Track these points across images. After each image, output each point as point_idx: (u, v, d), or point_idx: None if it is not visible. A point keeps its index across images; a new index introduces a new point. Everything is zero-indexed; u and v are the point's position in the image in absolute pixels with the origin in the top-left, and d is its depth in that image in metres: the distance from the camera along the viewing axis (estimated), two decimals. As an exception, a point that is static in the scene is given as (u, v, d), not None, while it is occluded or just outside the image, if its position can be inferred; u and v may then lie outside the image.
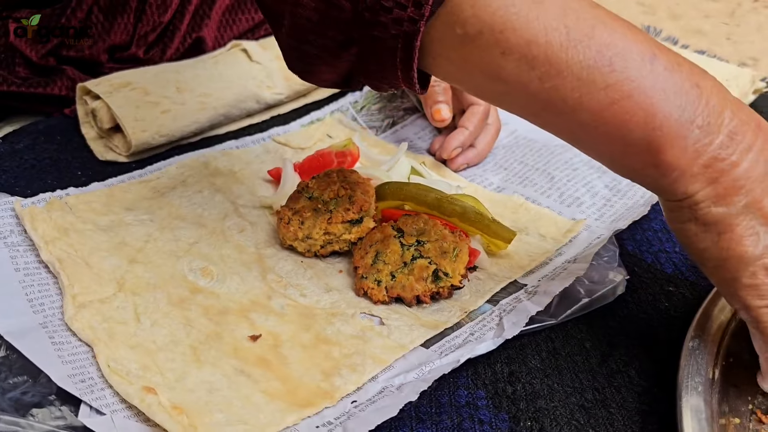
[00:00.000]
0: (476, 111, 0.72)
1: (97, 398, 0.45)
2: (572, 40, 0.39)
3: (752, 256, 0.41)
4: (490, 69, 0.41)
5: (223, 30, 0.88)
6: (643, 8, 1.22)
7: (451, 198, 0.60)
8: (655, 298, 0.58)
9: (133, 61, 0.84)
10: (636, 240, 0.65)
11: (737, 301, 0.43)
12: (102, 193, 0.65)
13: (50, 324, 0.50)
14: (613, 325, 0.55)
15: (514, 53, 0.39)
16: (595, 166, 0.71)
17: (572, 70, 0.39)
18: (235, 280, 0.56)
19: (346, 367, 0.49)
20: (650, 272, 0.61)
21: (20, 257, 0.56)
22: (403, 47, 0.41)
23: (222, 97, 0.78)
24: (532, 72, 0.40)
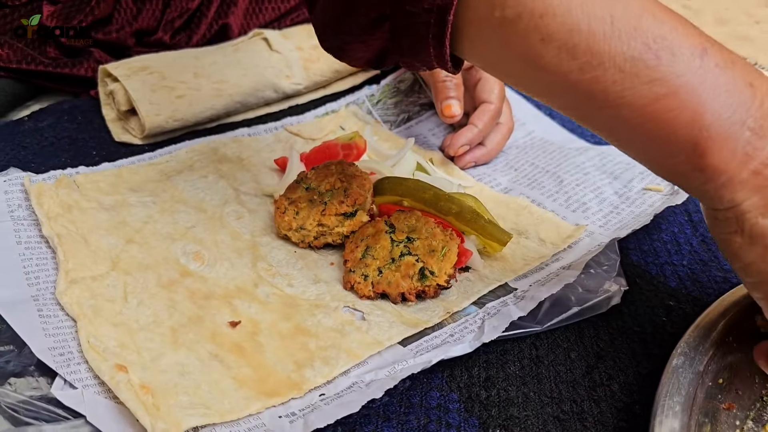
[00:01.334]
0: (487, 109, 0.71)
1: (72, 372, 0.46)
2: (616, 30, 0.37)
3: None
4: (529, 56, 0.38)
5: (250, 18, 0.89)
6: (688, 12, 1.17)
7: (448, 196, 0.59)
8: (653, 312, 0.56)
9: (160, 46, 0.86)
10: (643, 250, 0.62)
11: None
12: (110, 173, 0.66)
13: (41, 297, 0.52)
14: (603, 336, 0.53)
15: (554, 40, 0.37)
16: (607, 171, 0.69)
17: (615, 61, 0.37)
18: (224, 266, 0.57)
19: (319, 360, 0.49)
20: (653, 284, 0.59)
21: (23, 231, 0.58)
22: (436, 22, 0.40)
23: (239, 85, 0.78)
24: (573, 62, 0.37)
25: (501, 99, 0.72)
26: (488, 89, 0.71)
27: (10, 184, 0.62)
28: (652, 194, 0.65)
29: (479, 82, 0.72)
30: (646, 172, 0.68)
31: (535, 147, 0.76)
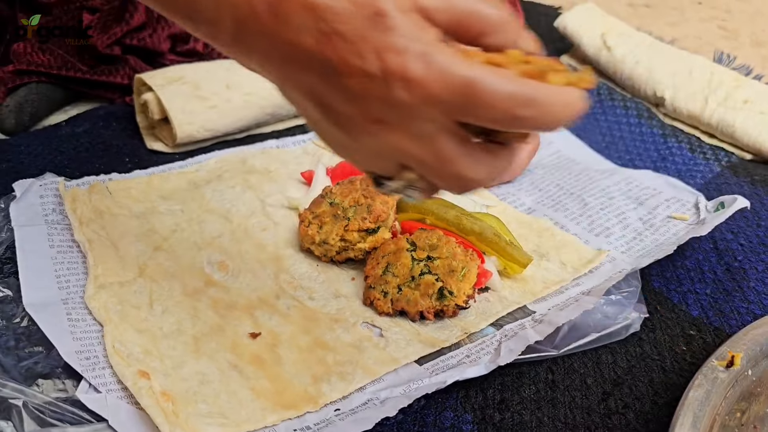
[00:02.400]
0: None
1: (97, 376, 0.48)
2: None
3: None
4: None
5: None
6: (724, 33, 1.16)
7: (470, 216, 0.60)
8: (672, 341, 0.56)
9: (193, 55, 0.88)
10: (665, 277, 0.62)
11: None
12: (141, 180, 0.68)
13: (71, 301, 0.54)
14: (621, 363, 0.53)
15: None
16: (632, 196, 0.69)
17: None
18: (248, 277, 0.58)
19: (336, 375, 0.50)
20: (674, 312, 0.58)
21: (56, 235, 0.60)
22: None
23: (269, 96, 0.80)
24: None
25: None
26: None
27: (46, 188, 0.64)
28: (677, 223, 0.65)
29: None
30: (672, 199, 0.68)
31: (561, 167, 0.76)
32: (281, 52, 0.35)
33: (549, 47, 0.99)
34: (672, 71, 0.86)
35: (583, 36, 0.93)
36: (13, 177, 0.65)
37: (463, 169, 0.35)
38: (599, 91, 0.89)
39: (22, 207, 0.61)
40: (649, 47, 0.89)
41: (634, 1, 1.30)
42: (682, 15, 1.23)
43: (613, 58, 0.90)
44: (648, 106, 0.87)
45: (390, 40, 0.32)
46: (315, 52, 0.33)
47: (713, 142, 0.82)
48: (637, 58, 0.88)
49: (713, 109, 0.81)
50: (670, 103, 0.85)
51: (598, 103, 0.88)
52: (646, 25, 1.13)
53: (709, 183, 0.75)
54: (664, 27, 1.17)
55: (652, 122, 0.84)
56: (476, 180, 0.36)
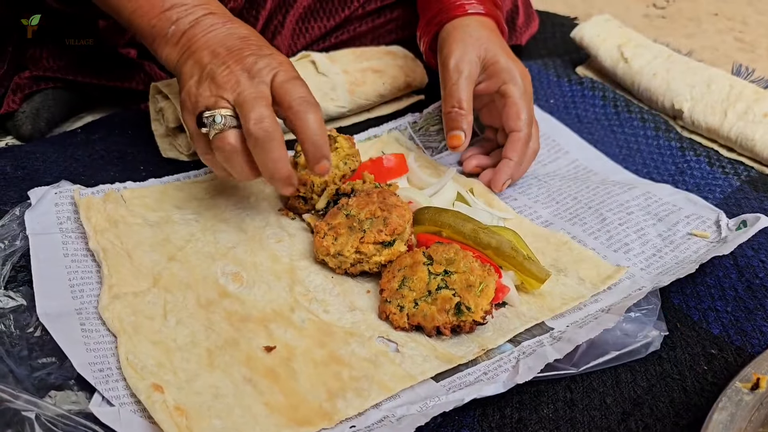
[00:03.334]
0: (517, 138, 0.70)
1: (110, 389, 0.47)
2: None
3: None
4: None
5: (296, 38, 0.90)
6: (741, 45, 1.15)
7: (487, 230, 0.59)
8: (693, 360, 0.55)
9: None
10: (685, 294, 0.61)
11: None
12: (156, 189, 0.68)
13: (84, 311, 0.53)
14: (641, 382, 0.52)
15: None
16: (651, 212, 0.68)
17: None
18: (262, 289, 0.58)
19: (351, 390, 0.49)
20: (694, 330, 0.57)
21: (71, 244, 0.59)
22: None
23: (285, 106, 0.79)
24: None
25: (529, 124, 0.70)
26: (514, 115, 0.70)
27: (61, 196, 0.63)
28: (697, 240, 0.64)
29: (505, 108, 0.71)
30: (693, 216, 0.67)
31: (578, 178, 0.75)
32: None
33: (564, 58, 0.98)
34: (690, 83, 0.84)
35: (599, 47, 0.92)
36: (29, 184, 0.65)
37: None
38: (616, 103, 0.88)
39: (36, 215, 0.61)
40: (667, 59, 0.88)
41: (650, 12, 1.29)
42: (699, 26, 1.22)
43: (630, 69, 0.89)
44: (666, 118, 0.86)
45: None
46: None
47: (732, 156, 0.80)
48: (655, 69, 0.87)
49: (732, 122, 0.80)
50: (688, 116, 0.83)
51: (615, 115, 0.87)
52: (662, 36, 1.12)
53: (728, 197, 0.74)
54: (680, 38, 1.16)
55: (669, 135, 0.83)
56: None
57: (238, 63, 0.58)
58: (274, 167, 0.56)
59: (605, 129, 0.85)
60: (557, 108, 0.88)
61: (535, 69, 0.94)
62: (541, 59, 0.98)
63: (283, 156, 0.56)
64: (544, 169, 0.79)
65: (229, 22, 0.62)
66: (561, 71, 0.94)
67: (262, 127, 0.55)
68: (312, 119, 0.56)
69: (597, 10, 1.26)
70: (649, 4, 1.32)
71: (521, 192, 0.74)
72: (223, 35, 0.60)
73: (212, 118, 0.56)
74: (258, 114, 0.56)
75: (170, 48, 0.61)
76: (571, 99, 0.90)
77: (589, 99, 0.89)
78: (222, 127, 0.56)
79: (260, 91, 0.57)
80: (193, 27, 0.60)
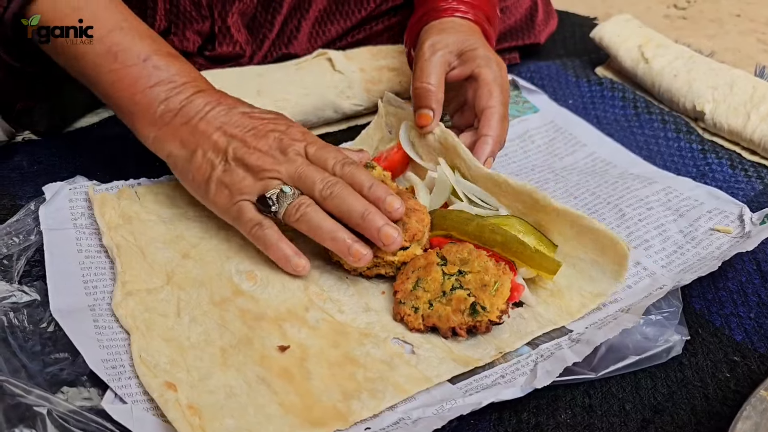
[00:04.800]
0: (493, 113, 0.66)
1: (123, 386, 0.47)
2: (94, 38, 0.58)
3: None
4: (47, 46, 0.60)
5: (313, 41, 0.90)
6: (764, 46, 1.14)
7: (492, 227, 0.58)
8: (715, 367, 0.54)
9: (222, 60, 0.87)
10: (707, 299, 0.60)
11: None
12: (170, 186, 0.67)
13: (98, 307, 0.53)
14: (661, 389, 0.51)
15: (56, 40, 0.59)
16: (672, 207, 0.67)
17: (89, 57, 0.58)
18: (276, 287, 0.57)
19: (366, 392, 0.48)
20: (716, 336, 0.56)
21: (85, 240, 0.59)
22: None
23: (300, 104, 0.79)
24: (66, 55, 0.59)
25: (504, 103, 0.67)
26: (486, 95, 0.66)
27: (75, 192, 0.63)
28: (720, 236, 0.63)
29: (477, 91, 0.67)
30: (715, 210, 0.66)
31: (596, 172, 0.74)
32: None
33: (583, 58, 0.97)
34: (712, 85, 0.83)
35: (620, 48, 0.91)
36: (45, 179, 0.65)
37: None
38: (636, 104, 0.87)
39: (51, 211, 0.61)
40: (689, 60, 0.87)
41: (671, 13, 1.27)
42: (721, 27, 1.21)
43: (650, 70, 0.88)
44: (687, 120, 0.85)
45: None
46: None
47: (755, 159, 0.79)
48: (676, 71, 0.86)
49: (756, 124, 0.79)
50: (710, 118, 0.82)
51: (635, 116, 0.86)
52: (684, 37, 1.11)
53: (751, 201, 0.72)
54: (701, 39, 1.14)
55: (691, 137, 0.82)
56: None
57: (263, 142, 0.57)
58: (363, 204, 0.55)
59: (625, 130, 0.84)
60: (576, 108, 0.87)
61: (554, 69, 0.93)
62: (559, 59, 0.97)
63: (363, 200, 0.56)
64: (561, 162, 0.78)
65: (221, 98, 0.61)
66: (580, 71, 0.93)
67: (332, 182, 0.56)
68: (363, 176, 0.57)
69: (617, 10, 1.25)
70: (670, 5, 1.30)
71: (537, 186, 0.73)
72: (223, 114, 0.59)
73: (276, 195, 0.56)
74: (321, 176, 0.56)
75: (161, 130, 0.59)
76: (591, 100, 0.89)
77: (608, 100, 0.88)
78: (294, 196, 0.56)
79: (304, 162, 0.57)
80: (185, 107, 0.59)
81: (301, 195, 0.56)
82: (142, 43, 0.59)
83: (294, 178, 0.56)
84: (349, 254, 0.55)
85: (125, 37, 0.59)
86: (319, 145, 0.59)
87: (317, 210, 0.56)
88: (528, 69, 0.94)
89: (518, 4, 0.95)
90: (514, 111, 0.85)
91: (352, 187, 0.57)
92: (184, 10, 0.82)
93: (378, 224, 0.54)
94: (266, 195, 0.56)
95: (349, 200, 0.55)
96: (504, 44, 0.95)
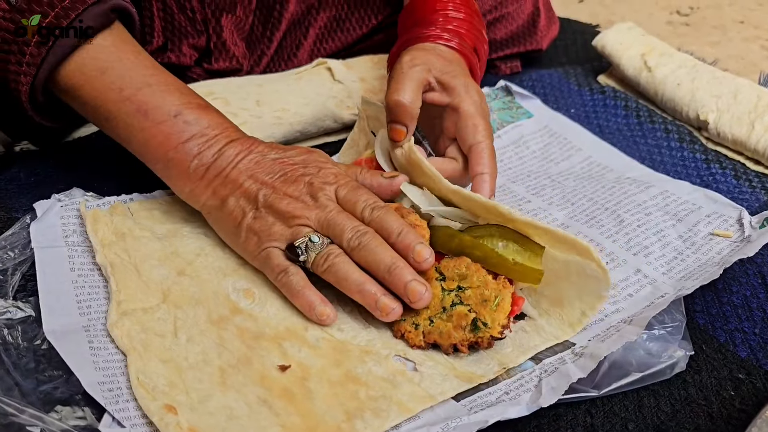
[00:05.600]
0: (483, 149, 0.66)
1: (121, 409, 0.48)
2: (123, 98, 0.61)
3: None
4: (79, 107, 0.64)
5: (314, 56, 0.92)
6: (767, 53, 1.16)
7: (472, 242, 0.58)
8: (720, 384, 0.55)
9: (220, 73, 0.89)
10: (711, 313, 0.62)
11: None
12: (163, 201, 0.69)
13: (92, 328, 0.54)
14: (665, 407, 0.53)
15: (87, 103, 0.62)
16: (670, 212, 0.69)
17: (120, 117, 0.61)
18: (275, 306, 0.59)
19: (370, 411, 0.50)
20: (720, 353, 0.58)
21: (77, 257, 0.61)
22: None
23: (300, 114, 0.81)
24: (97, 116, 0.63)
25: (491, 136, 0.67)
26: (472, 129, 0.67)
27: (67, 209, 0.64)
28: (720, 241, 0.65)
29: (459, 124, 0.67)
30: (714, 214, 0.68)
31: (593, 177, 0.76)
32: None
33: (585, 66, 1.00)
34: (716, 94, 0.85)
35: (622, 56, 0.93)
36: (42, 190, 0.67)
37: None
38: (639, 113, 0.89)
39: (42, 227, 0.62)
40: (692, 69, 0.89)
41: (674, 20, 1.30)
42: (724, 34, 1.23)
43: (653, 79, 0.90)
44: (690, 129, 0.87)
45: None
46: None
47: (759, 169, 0.81)
48: (679, 79, 0.88)
49: (760, 134, 0.81)
50: (713, 127, 0.84)
51: (637, 125, 0.88)
52: (686, 44, 1.13)
53: (755, 213, 0.74)
54: (704, 47, 1.17)
55: (694, 147, 0.84)
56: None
57: (293, 187, 0.59)
58: (390, 257, 0.56)
59: (627, 139, 0.86)
60: (578, 117, 0.89)
61: (556, 77, 0.95)
62: (561, 67, 0.99)
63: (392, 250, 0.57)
64: (557, 167, 0.80)
65: (252, 146, 0.62)
66: (582, 80, 0.95)
67: (360, 232, 0.57)
68: (393, 222, 0.58)
69: (619, 17, 1.28)
70: (673, 12, 1.33)
71: (534, 194, 0.75)
72: (254, 162, 0.61)
73: (305, 244, 0.57)
74: (351, 224, 0.57)
75: (195, 184, 0.61)
76: (593, 108, 0.91)
77: (611, 109, 0.90)
78: (322, 245, 0.57)
79: (335, 208, 0.58)
80: (217, 159, 0.61)
81: (330, 244, 0.58)
82: (171, 98, 0.62)
83: (323, 226, 0.58)
84: (377, 308, 0.55)
85: (154, 94, 0.61)
86: (350, 187, 0.60)
87: (345, 261, 0.57)
88: (530, 77, 0.96)
89: (520, 10, 0.97)
90: (508, 117, 0.87)
91: (381, 234, 0.58)
92: (179, 26, 0.84)
93: (405, 279, 0.55)
94: (295, 244, 0.57)
95: (377, 251, 0.56)
96: (506, 51, 0.98)
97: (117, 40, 0.63)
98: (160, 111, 0.61)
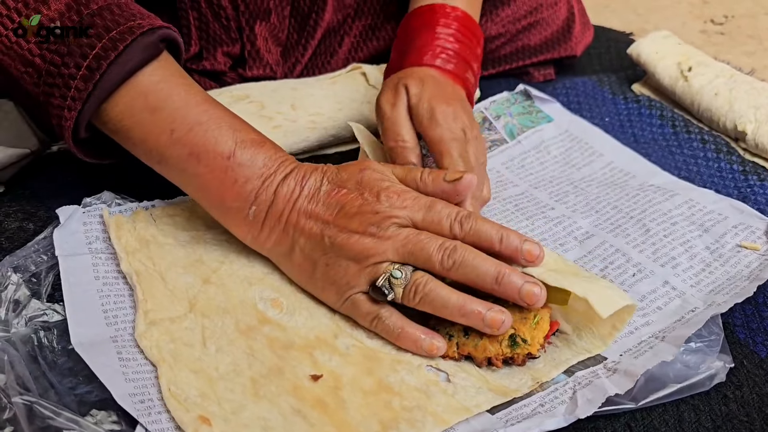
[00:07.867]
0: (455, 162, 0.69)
1: (154, 421, 0.51)
2: (174, 140, 0.62)
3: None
4: (129, 147, 0.65)
5: (348, 63, 0.97)
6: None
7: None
8: (762, 401, 0.58)
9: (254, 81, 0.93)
10: (751, 328, 0.65)
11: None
12: (185, 207, 0.72)
13: (120, 338, 0.58)
14: (706, 423, 0.56)
15: (138, 146, 0.63)
16: (696, 222, 0.72)
17: (173, 161, 0.63)
18: (303, 315, 0.62)
19: (405, 421, 0.53)
20: (762, 368, 0.61)
21: (101, 265, 0.64)
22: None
23: (334, 118, 0.86)
24: (150, 159, 0.64)
25: (484, 163, 0.72)
26: (441, 156, 0.69)
27: (89, 215, 0.68)
28: (748, 253, 0.68)
29: (431, 150, 0.71)
30: (740, 225, 0.72)
31: (616, 184, 0.80)
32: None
33: (619, 74, 1.04)
34: (754, 105, 0.89)
35: (657, 64, 0.97)
36: (81, 191, 0.71)
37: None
38: (675, 122, 0.93)
39: (65, 234, 0.65)
40: (730, 78, 0.93)
41: (708, 28, 1.33)
42: (760, 44, 1.26)
43: (690, 88, 0.94)
44: (727, 140, 0.91)
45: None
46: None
47: (799, 182, 0.85)
48: (717, 89, 0.92)
49: (800, 146, 0.85)
50: (751, 138, 0.88)
51: (673, 135, 0.92)
52: (721, 53, 1.17)
53: (791, 225, 0.78)
54: (740, 56, 1.20)
55: (731, 158, 0.88)
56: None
57: (357, 221, 0.59)
58: (493, 266, 0.57)
59: (663, 150, 0.90)
60: (612, 127, 0.94)
61: (590, 85, 0.99)
62: (595, 75, 1.03)
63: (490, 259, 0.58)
64: (578, 173, 0.85)
65: (305, 178, 0.63)
66: (616, 88, 0.99)
67: (450, 248, 0.57)
68: (490, 229, 0.59)
69: (652, 25, 1.31)
70: (707, 20, 1.36)
71: (558, 200, 0.79)
72: (309, 198, 0.62)
73: (388, 281, 0.58)
74: (436, 243, 0.58)
75: (256, 232, 0.63)
76: (627, 118, 0.95)
77: (646, 118, 0.94)
78: (406, 278, 0.58)
79: (411, 232, 0.59)
80: (273, 202, 0.62)
81: (414, 271, 0.58)
82: (224, 138, 0.62)
83: (403, 255, 0.58)
84: (485, 326, 0.57)
85: (206, 134, 0.62)
86: (422, 207, 0.60)
87: (436, 286, 0.57)
88: (564, 85, 1.01)
89: (555, 15, 1.02)
90: (528, 122, 0.92)
91: (481, 246, 0.58)
92: (214, 34, 0.89)
93: (517, 284, 0.56)
94: (377, 285, 0.58)
95: (476, 265, 0.57)
96: (540, 57, 1.02)
97: (166, 73, 0.64)
98: (213, 155, 0.62)
